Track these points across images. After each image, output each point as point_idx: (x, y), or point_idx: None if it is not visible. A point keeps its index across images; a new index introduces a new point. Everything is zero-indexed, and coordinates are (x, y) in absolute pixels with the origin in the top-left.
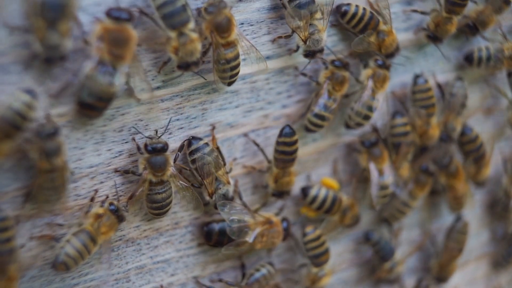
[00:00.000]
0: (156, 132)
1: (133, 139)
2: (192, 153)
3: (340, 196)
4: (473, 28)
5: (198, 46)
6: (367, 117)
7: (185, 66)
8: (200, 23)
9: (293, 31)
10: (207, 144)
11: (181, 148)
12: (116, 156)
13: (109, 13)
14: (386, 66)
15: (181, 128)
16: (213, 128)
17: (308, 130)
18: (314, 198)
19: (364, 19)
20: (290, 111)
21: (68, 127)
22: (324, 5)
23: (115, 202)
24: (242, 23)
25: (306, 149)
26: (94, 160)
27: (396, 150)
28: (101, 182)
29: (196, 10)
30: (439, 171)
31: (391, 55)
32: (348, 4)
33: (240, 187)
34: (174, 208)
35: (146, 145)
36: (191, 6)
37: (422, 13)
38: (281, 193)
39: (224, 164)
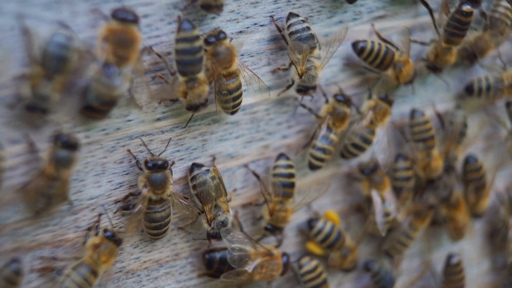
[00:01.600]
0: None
1: (129, 151)
2: (193, 178)
3: (344, 234)
4: (471, 55)
5: (206, 88)
6: (362, 149)
7: (193, 108)
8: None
9: (291, 64)
10: (208, 170)
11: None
12: (116, 188)
13: (114, 14)
14: (388, 101)
15: (182, 159)
16: (214, 159)
17: (312, 166)
18: (319, 231)
19: (380, 54)
20: (290, 141)
21: None
22: (327, 45)
23: (110, 228)
24: (242, 54)
25: (305, 179)
26: (94, 192)
27: (397, 194)
28: (101, 214)
29: None
30: (440, 203)
31: (409, 83)
32: (364, 41)
33: (240, 218)
34: (174, 239)
35: (146, 162)
36: None
37: (422, 43)
38: (274, 228)
39: (226, 192)
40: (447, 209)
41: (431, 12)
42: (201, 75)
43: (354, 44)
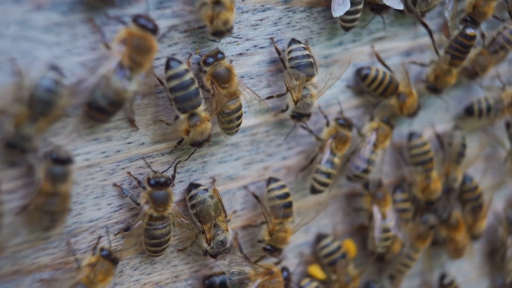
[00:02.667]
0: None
1: (129, 173)
2: (192, 198)
3: (348, 259)
4: (472, 73)
5: (209, 125)
6: (367, 171)
7: (197, 144)
8: (201, 78)
9: (287, 90)
10: (206, 189)
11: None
12: (116, 210)
13: (136, 20)
14: (390, 124)
15: (182, 181)
16: (214, 181)
17: (315, 191)
18: (325, 246)
19: (383, 83)
20: (290, 163)
21: None
22: (330, 76)
23: (106, 247)
24: (243, 76)
25: (305, 200)
26: (94, 215)
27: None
28: (101, 237)
29: (196, 65)
30: (440, 224)
31: (412, 115)
32: (369, 68)
33: (239, 239)
34: (174, 261)
35: (149, 179)
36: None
37: (421, 65)
38: (273, 249)
39: (225, 211)
40: (447, 230)
41: (430, 33)
42: (202, 111)
43: (358, 71)
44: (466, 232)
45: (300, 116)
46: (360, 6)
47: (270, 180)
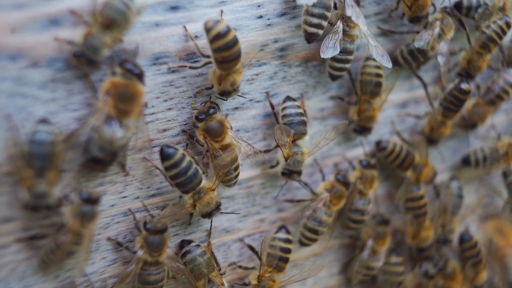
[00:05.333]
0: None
1: (130, 210)
2: (184, 255)
3: None
4: (470, 124)
5: (214, 194)
6: (360, 222)
7: (207, 215)
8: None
9: (277, 146)
10: (198, 245)
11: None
12: (110, 264)
13: (122, 65)
14: (372, 166)
15: (177, 234)
16: (209, 234)
17: (302, 243)
18: None
19: (400, 156)
20: (286, 215)
21: None
22: (323, 136)
23: None
24: (238, 130)
25: (302, 252)
26: (87, 269)
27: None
28: None
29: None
30: (436, 273)
31: (429, 183)
32: (387, 141)
33: None
34: None
35: (145, 223)
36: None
37: (416, 117)
38: None
39: (218, 266)
40: (443, 279)
41: (425, 86)
42: (204, 185)
43: (377, 143)
44: (463, 282)
45: (290, 173)
46: (351, 57)
47: (281, 228)
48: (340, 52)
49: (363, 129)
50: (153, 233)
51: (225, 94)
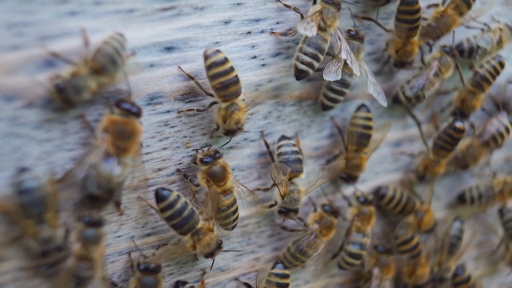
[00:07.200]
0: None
1: (129, 254)
2: None
3: None
4: (463, 165)
5: (214, 235)
6: (359, 257)
7: (209, 255)
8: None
9: (274, 185)
10: (192, 287)
11: None
12: None
13: (118, 104)
14: (369, 202)
15: (172, 273)
16: (203, 273)
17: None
18: None
19: (401, 203)
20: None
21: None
22: (320, 175)
23: None
24: (233, 169)
25: None
26: None
27: None
28: None
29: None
30: None
31: (429, 231)
32: (387, 188)
33: None
34: None
35: (139, 264)
36: None
37: (410, 155)
38: None
39: None
40: None
41: (419, 125)
42: (202, 225)
43: (377, 190)
44: None
45: (287, 211)
46: (347, 90)
47: (277, 264)
48: (337, 82)
49: (350, 177)
50: (147, 273)
51: (230, 133)
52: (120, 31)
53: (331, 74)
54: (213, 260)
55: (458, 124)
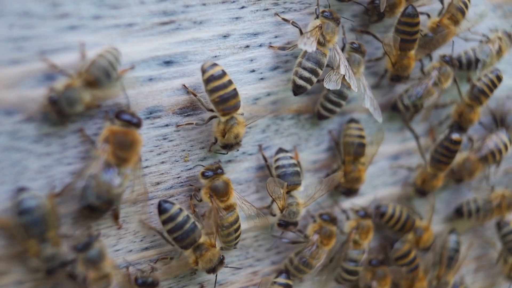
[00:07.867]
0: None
1: (127, 268)
2: None
3: None
4: (458, 178)
5: (216, 251)
6: (356, 273)
7: (211, 271)
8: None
9: (273, 200)
10: None
11: None
12: None
13: (118, 116)
14: (368, 215)
15: (170, 287)
16: (202, 287)
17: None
18: None
19: (401, 220)
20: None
21: None
22: (318, 188)
23: None
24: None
25: None
26: None
27: None
28: None
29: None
30: None
31: (427, 249)
32: (386, 206)
33: None
34: None
35: (136, 279)
36: None
37: (408, 169)
38: None
39: None
40: None
41: (417, 138)
42: (204, 240)
43: (377, 208)
44: None
45: (286, 224)
46: (343, 102)
47: (281, 273)
48: (335, 93)
49: (350, 191)
50: None
51: (228, 147)
52: (115, 46)
53: (331, 83)
54: (216, 276)
55: (454, 136)
